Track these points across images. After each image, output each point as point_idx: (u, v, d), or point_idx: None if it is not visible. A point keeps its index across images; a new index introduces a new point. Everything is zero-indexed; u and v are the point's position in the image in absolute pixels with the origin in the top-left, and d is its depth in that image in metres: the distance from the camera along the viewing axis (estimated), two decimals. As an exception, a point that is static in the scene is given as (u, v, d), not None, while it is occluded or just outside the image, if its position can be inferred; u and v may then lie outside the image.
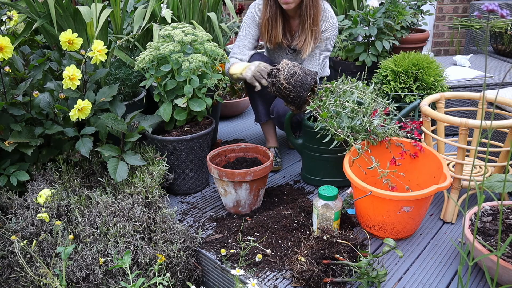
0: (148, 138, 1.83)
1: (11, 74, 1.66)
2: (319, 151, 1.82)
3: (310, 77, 1.63)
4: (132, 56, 2.10)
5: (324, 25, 1.96)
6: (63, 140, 1.73)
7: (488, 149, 0.84)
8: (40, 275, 1.30)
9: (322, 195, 1.45)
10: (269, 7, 1.91)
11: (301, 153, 1.94)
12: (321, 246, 1.34)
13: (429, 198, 1.44)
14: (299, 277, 1.31)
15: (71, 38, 1.63)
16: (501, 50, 3.09)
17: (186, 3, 2.15)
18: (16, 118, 1.63)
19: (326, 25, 1.96)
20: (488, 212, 1.43)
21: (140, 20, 2.01)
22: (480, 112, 1.78)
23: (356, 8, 2.83)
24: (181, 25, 1.79)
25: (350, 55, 2.67)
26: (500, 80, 2.47)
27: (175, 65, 1.72)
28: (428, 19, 4.11)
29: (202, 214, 1.74)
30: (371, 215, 1.50)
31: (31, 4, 1.93)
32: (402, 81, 2.14)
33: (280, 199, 1.81)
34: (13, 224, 1.44)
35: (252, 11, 2.00)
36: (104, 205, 1.48)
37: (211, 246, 1.52)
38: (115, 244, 1.39)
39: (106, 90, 1.77)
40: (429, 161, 1.57)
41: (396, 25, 2.50)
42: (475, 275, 1.38)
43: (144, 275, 1.36)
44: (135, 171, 1.69)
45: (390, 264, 1.43)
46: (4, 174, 1.60)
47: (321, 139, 1.76)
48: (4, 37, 1.47)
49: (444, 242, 1.53)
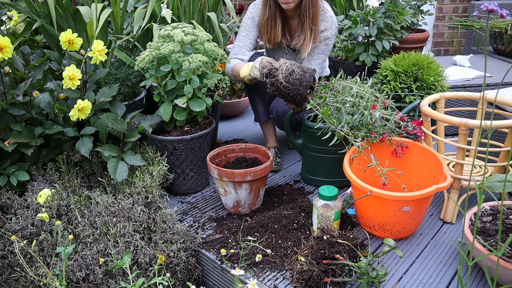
0: (148, 138, 1.83)
1: (11, 74, 1.66)
2: (319, 151, 1.82)
3: (309, 75, 1.63)
4: (132, 56, 2.10)
5: (323, 25, 1.96)
6: (63, 140, 1.73)
7: (488, 149, 0.84)
8: (40, 275, 1.30)
9: (322, 195, 1.45)
10: (268, 7, 1.91)
11: (301, 153, 1.94)
12: (321, 246, 1.34)
13: (429, 198, 1.44)
14: (299, 277, 1.31)
15: (71, 38, 1.63)
16: (501, 50, 3.09)
17: (186, 3, 2.15)
18: (16, 118, 1.63)
19: (325, 25, 1.96)
20: (488, 212, 1.43)
21: (140, 20, 2.01)
22: (480, 112, 1.78)
23: (356, 8, 2.83)
24: (181, 25, 1.79)
25: (350, 55, 2.67)
26: (500, 80, 2.47)
27: (175, 65, 1.72)
28: (428, 19, 4.11)
29: (202, 214, 1.74)
30: (371, 215, 1.50)
31: (31, 4, 1.93)
32: (402, 81, 2.14)
33: (280, 199, 1.81)
34: (13, 224, 1.44)
35: (252, 12, 2.00)
36: (104, 205, 1.48)
37: (211, 246, 1.52)
38: (115, 244, 1.39)
39: (106, 90, 1.77)
40: (429, 161, 1.57)
41: (396, 25, 2.50)
42: (475, 275, 1.38)
43: (144, 275, 1.36)
44: (135, 171, 1.69)
45: (390, 264, 1.43)
46: (4, 174, 1.60)
47: (321, 139, 1.76)
48: (4, 37, 1.47)
49: (444, 242, 1.53)
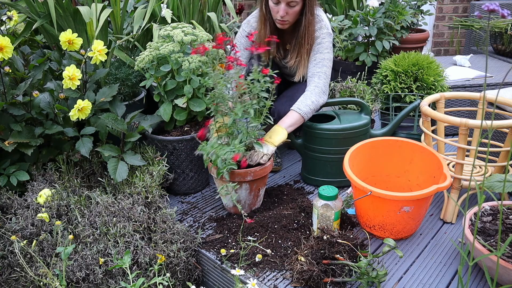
0: (148, 138, 1.83)
1: (11, 74, 1.66)
2: (319, 151, 1.82)
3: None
4: (132, 56, 2.10)
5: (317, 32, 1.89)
6: (63, 140, 1.73)
7: (488, 149, 0.84)
8: (40, 275, 1.30)
9: (322, 195, 1.45)
10: (268, 26, 1.86)
11: (301, 153, 1.94)
12: (321, 246, 1.34)
13: (429, 198, 1.44)
14: (299, 277, 1.31)
15: (71, 38, 1.62)
16: (501, 50, 3.09)
17: (186, 3, 2.15)
18: (16, 118, 1.63)
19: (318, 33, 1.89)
20: (488, 212, 1.43)
21: (140, 20, 2.01)
22: (480, 112, 1.78)
23: (356, 8, 2.83)
24: (181, 25, 1.79)
25: (350, 55, 2.67)
26: (500, 80, 2.47)
27: (175, 65, 1.72)
28: (428, 19, 4.11)
29: (202, 214, 1.74)
30: (371, 215, 1.50)
31: (31, 4, 1.93)
32: (402, 81, 2.14)
33: (280, 199, 1.81)
34: (13, 224, 1.44)
35: (246, 30, 1.96)
36: (104, 205, 1.47)
37: (211, 246, 1.52)
38: (115, 244, 1.39)
39: (106, 90, 1.77)
40: (429, 161, 1.57)
41: (396, 25, 2.50)
42: (475, 275, 1.38)
43: (144, 275, 1.36)
44: (135, 171, 1.69)
45: (390, 264, 1.43)
46: (4, 174, 1.60)
47: (320, 139, 1.76)
48: (4, 37, 1.47)
49: (444, 242, 1.53)
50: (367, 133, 1.86)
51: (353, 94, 2.25)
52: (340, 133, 1.80)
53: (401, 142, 1.65)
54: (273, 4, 1.77)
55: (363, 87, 2.24)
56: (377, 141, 1.68)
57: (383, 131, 1.92)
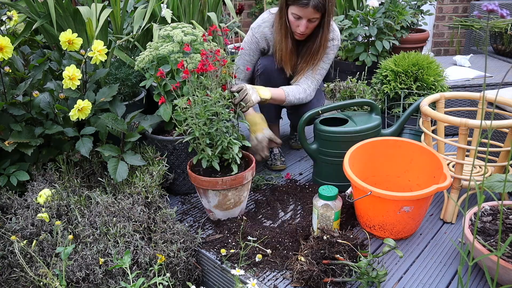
0: (148, 138, 1.83)
1: (11, 74, 1.66)
2: (336, 155, 1.78)
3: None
4: (132, 56, 2.10)
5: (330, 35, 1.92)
6: (63, 140, 1.73)
7: (488, 149, 0.84)
8: (40, 275, 1.30)
9: (322, 195, 1.45)
10: (290, 39, 1.87)
11: (315, 158, 1.88)
12: (321, 246, 1.34)
13: (429, 198, 1.44)
14: (299, 277, 1.31)
15: (71, 38, 1.62)
16: (501, 50, 3.09)
17: (186, 3, 2.15)
18: (16, 118, 1.63)
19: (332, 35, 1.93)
20: (488, 212, 1.43)
21: (140, 20, 2.01)
22: (480, 112, 1.78)
23: (356, 8, 2.83)
24: (181, 25, 1.79)
25: (350, 55, 2.67)
26: (500, 80, 2.47)
27: (175, 65, 1.72)
28: (428, 19, 4.11)
29: (202, 214, 1.74)
30: (371, 215, 1.50)
31: (31, 4, 1.93)
32: (402, 81, 2.14)
33: (280, 199, 1.81)
34: (13, 224, 1.44)
35: (257, 36, 1.94)
36: (104, 205, 1.47)
37: (211, 246, 1.52)
38: (115, 244, 1.39)
39: (106, 90, 1.77)
40: (429, 161, 1.57)
41: (396, 25, 2.50)
42: (475, 275, 1.38)
43: (144, 275, 1.36)
44: (135, 171, 1.69)
45: (390, 264, 1.43)
46: (4, 174, 1.60)
47: (338, 143, 1.74)
48: (4, 37, 1.47)
49: (444, 242, 1.53)
50: (379, 133, 1.84)
51: (353, 94, 2.25)
52: (358, 135, 1.76)
53: (401, 142, 1.65)
54: (293, 19, 1.79)
55: (363, 87, 2.24)
56: (377, 141, 1.68)
57: (391, 130, 1.90)
